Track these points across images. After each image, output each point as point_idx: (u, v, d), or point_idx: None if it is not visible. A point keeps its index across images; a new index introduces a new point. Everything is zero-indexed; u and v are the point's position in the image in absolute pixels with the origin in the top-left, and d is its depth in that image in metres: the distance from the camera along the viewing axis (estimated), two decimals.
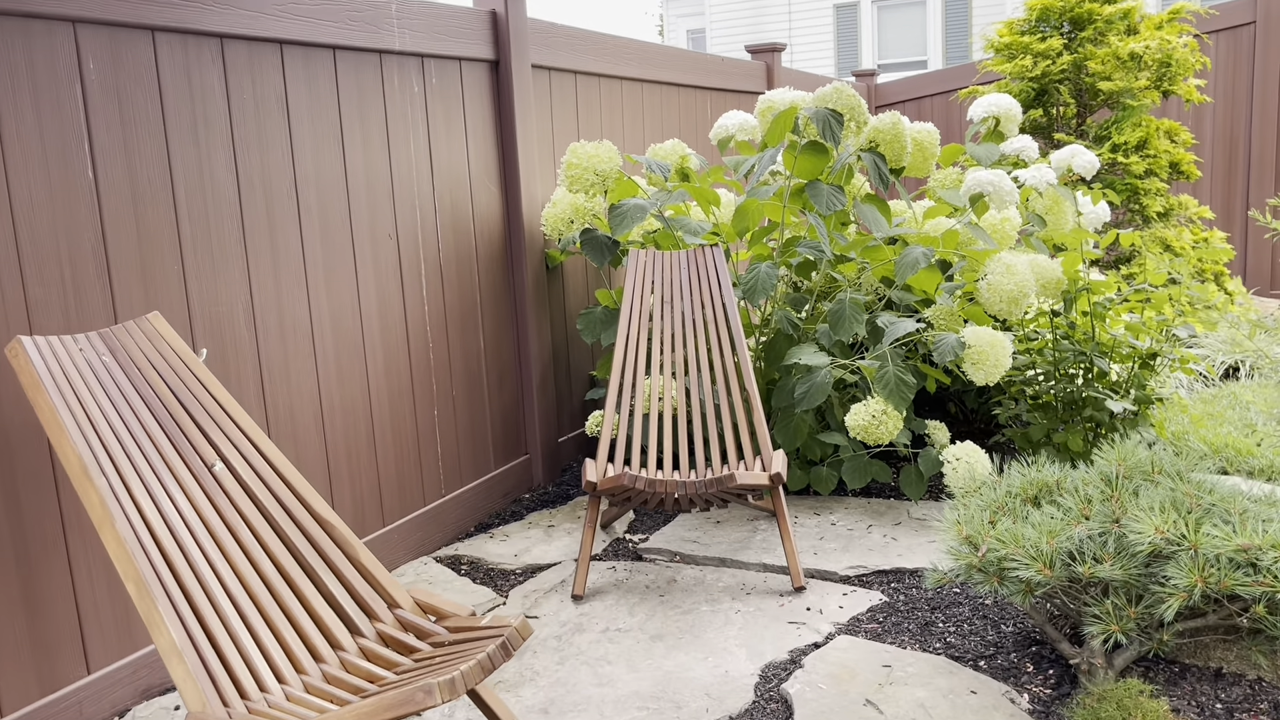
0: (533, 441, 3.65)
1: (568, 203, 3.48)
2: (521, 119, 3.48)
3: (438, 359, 3.19)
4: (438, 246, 3.18)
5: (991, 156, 4.19)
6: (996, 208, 3.43)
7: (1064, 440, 3.27)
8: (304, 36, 2.64)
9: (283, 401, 2.63)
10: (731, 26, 15.94)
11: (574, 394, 3.93)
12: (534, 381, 3.60)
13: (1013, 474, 2.22)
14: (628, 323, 3.13)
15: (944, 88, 6.95)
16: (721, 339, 3.10)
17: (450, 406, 3.25)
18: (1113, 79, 5.07)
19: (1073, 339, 3.35)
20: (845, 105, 3.33)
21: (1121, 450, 2.11)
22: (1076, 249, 3.38)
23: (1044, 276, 3.25)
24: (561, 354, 3.84)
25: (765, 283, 3.27)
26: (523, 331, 3.57)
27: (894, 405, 2.99)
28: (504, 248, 3.51)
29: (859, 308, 3.23)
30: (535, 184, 3.59)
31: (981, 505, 2.12)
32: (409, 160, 3.05)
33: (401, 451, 3.05)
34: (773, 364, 3.47)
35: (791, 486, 3.37)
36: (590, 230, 3.49)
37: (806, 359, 3.16)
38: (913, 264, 3.13)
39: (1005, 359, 2.93)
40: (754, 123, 3.84)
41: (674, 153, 3.66)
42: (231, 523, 1.87)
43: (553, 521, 3.35)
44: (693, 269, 3.24)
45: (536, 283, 3.60)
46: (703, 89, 4.95)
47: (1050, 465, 2.22)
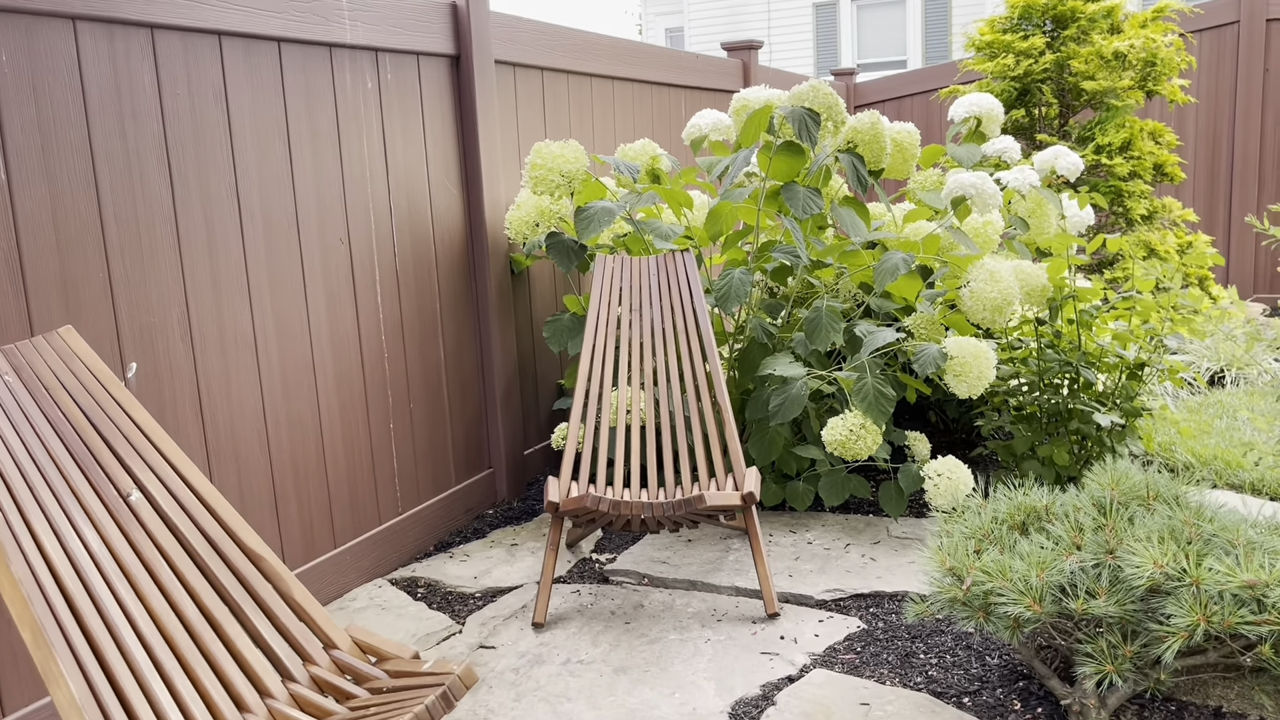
0: (496, 455, 3.49)
1: (532, 205, 3.32)
2: (484, 117, 3.33)
3: (394, 370, 3.02)
4: (394, 251, 3.01)
5: (973, 158, 4.07)
6: (979, 211, 3.30)
7: (1049, 454, 3.14)
8: (245, 28, 2.47)
9: (223, 419, 2.46)
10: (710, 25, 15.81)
11: (541, 404, 3.78)
12: (498, 392, 3.44)
13: (999, 498, 2.08)
14: (594, 332, 2.98)
15: (924, 87, 6.83)
16: (693, 349, 2.95)
17: (408, 420, 3.09)
18: (1096, 79, 4.96)
19: (1058, 348, 3.22)
20: (822, 104, 3.19)
21: (1115, 473, 1.98)
22: (1062, 254, 3.25)
23: (1029, 283, 3.12)
24: (528, 362, 3.68)
25: (738, 290, 3.13)
26: (485, 340, 3.41)
27: (873, 419, 2.85)
28: (465, 252, 3.34)
29: (836, 316, 3.09)
30: (499, 185, 3.43)
31: (966, 533, 1.98)
32: (362, 160, 2.88)
33: (355, 469, 2.88)
34: (747, 373, 3.32)
35: (767, 502, 3.23)
36: (556, 234, 3.33)
37: (781, 370, 3.02)
38: (892, 270, 2.99)
39: (989, 371, 2.79)
40: (728, 122, 3.69)
41: (644, 153, 3.51)
42: (148, 559, 1.70)
43: (516, 539, 3.19)
44: (663, 276, 3.09)
45: (500, 289, 3.44)
46: (676, 87, 4.80)
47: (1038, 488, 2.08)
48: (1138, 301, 3.14)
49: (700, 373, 2.90)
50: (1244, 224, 6.49)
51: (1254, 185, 6.44)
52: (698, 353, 2.93)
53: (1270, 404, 4.31)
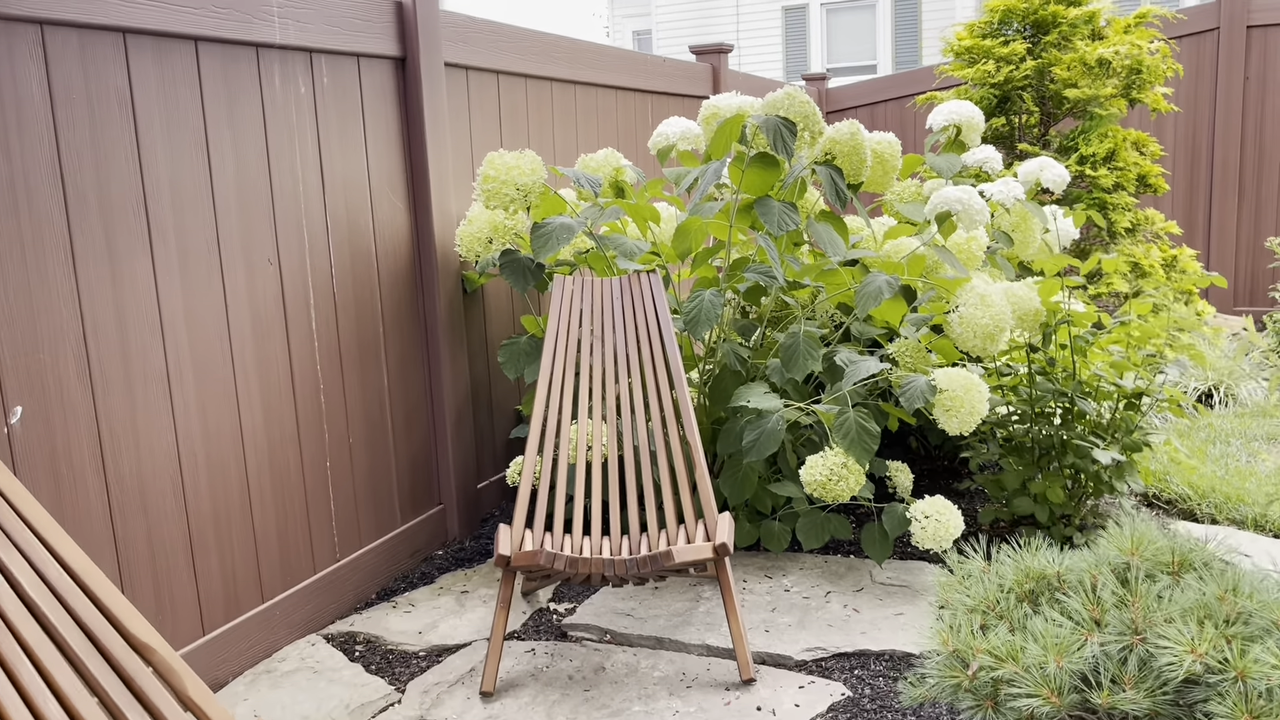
0: (447, 490, 3.22)
1: (485, 220, 3.06)
2: (433, 125, 3.06)
3: (331, 402, 2.75)
4: (331, 272, 2.74)
5: (953, 168, 3.86)
6: (965, 228, 3.08)
7: (1042, 490, 2.92)
8: (155, 24, 2.19)
9: (129, 466, 2.18)
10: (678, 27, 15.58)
11: (496, 432, 3.51)
12: (448, 422, 3.17)
13: (1003, 560, 1.84)
14: (552, 360, 2.72)
15: (898, 93, 6.63)
16: (659, 378, 2.70)
17: (346, 457, 2.81)
18: (1079, 86, 4.77)
19: (1051, 376, 3.00)
20: (798, 113, 2.95)
21: (1135, 536, 1.75)
22: (1054, 275, 3.04)
23: (1021, 307, 2.90)
24: (482, 388, 3.42)
25: (709, 313, 2.88)
26: (434, 365, 3.14)
27: (855, 457, 2.61)
28: (412, 271, 3.07)
29: (814, 343, 2.86)
30: (450, 198, 3.17)
31: (969, 604, 1.74)
32: (294, 173, 2.60)
33: (286, 514, 2.61)
34: (718, 402, 3.08)
35: (740, 542, 2.98)
36: (511, 252, 3.07)
37: (756, 401, 2.77)
38: (875, 295, 2.76)
39: (981, 405, 2.57)
40: (697, 131, 3.45)
41: (606, 164, 3.25)
42: (7, 657, 1.42)
43: (467, 585, 2.93)
44: (627, 298, 2.83)
45: (451, 309, 3.17)
46: (642, 92, 4.55)
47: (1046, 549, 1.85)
48: (1137, 326, 2.93)
49: (668, 404, 2.65)
50: (1224, 235, 6.35)
51: (1234, 195, 6.29)
52: (664, 382, 2.69)
53: (1264, 425, 4.13)
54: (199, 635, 2.36)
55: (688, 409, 2.61)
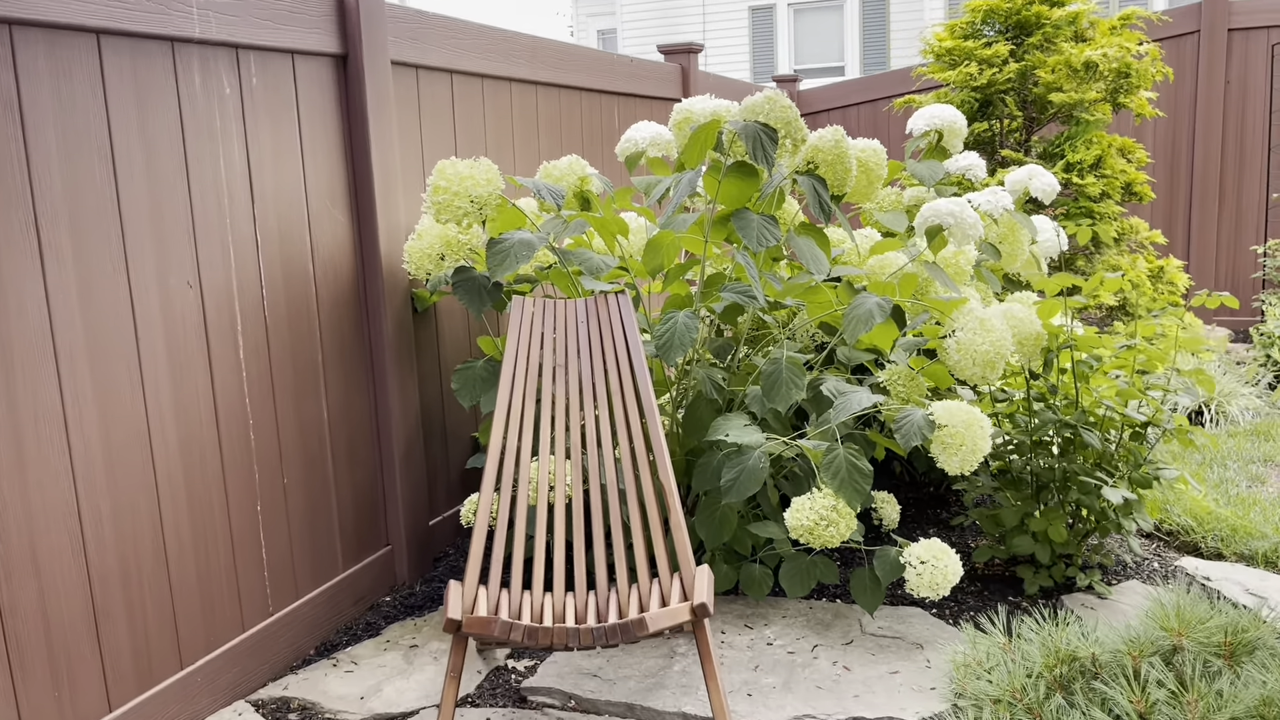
0: (395, 529, 2.94)
1: (436, 235, 2.78)
2: (379, 130, 2.78)
3: (262, 438, 2.46)
4: (261, 293, 2.45)
5: (935, 175, 3.64)
6: (956, 243, 2.85)
7: (1043, 528, 2.69)
8: (47, 15, 1.90)
9: (15, 520, 1.88)
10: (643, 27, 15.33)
11: (451, 464, 3.23)
12: (396, 454, 2.89)
13: (1028, 640, 1.60)
14: (510, 390, 2.46)
15: (873, 95, 6.42)
16: (629, 409, 2.44)
17: (280, 498, 2.53)
18: (1064, 90, 4.57)
19: (1051, 403, 2.78)
20: (779, 119, 2.70)
21: (1181, 613, 1.51)
22: (1054, 294, 2.81)
23: (1021, 331, 2.67)
24: (435, 415, 3.14)
25: (683, 337, 2.62)
26: (381, 393, 2.86)
27: (847, 499, 2.37)
28: (356, 291, 2.79)
29: (798, 370, 2.61)
30: (398, 210, 2.89)
31: (993, 694, 1.50)
32: (218, 184, 2.32)
33: (209, 566, 2.32)
34: (692, 432, 2.82)
35: (718, 586, 2.73)
36: (466, 269, 2.79)
37: (735, 435, 2.52)
38: (865, 318, 2.52)
39: (984, 443, 2.33)
40: (668, 136, 3.20)
41: (570, 173, 2.99)
42: None
43: (416, 638, 2.65)
44: (593, 322, 2.57)
45: (399, 332, 2.89)
46: (609, 94, 4.29)
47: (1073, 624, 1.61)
48: (1144, 350, 2.71)
49: (638, 438, 2.39)
50: (1204, 243, 6.19)
51: (1214, 203, 6.14)
52: (635, 414, 2.43)
53: (1261, 446, 3.95)
54: (104, 712, 2.07)
55: (660, 444, 2.35)
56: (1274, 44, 5.78)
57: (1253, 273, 6.14)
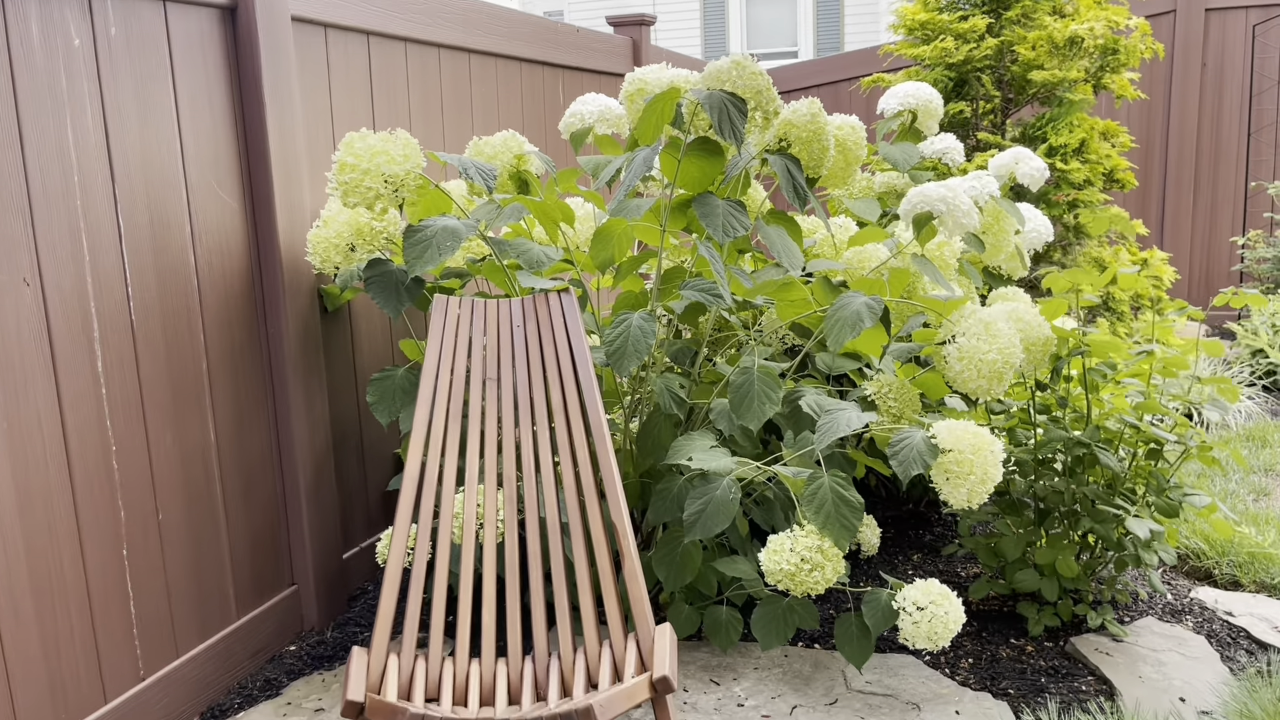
0: (302, 567, 2.52)
1: (345, 222, 2.36)
2: (277, 97, 2.34)
3: (130, 469, 2.03)
4: (127, 291, 2.01)
5: (910, 159, 3.29)
6: (948, 233, 2.50)
7: (1050, 561, 2.35)
8: None
9: None
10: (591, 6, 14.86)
11: (370, 486, 2.81)
12: (302, 479, 2.47)
13: None
14: (429, 409, 2.05)
15: (836, 76, 6.06)
16: (574, 432, 2.05)
17: (154, 540, 2.09)
18: (1046, 68, 4.24)
19: (1060, 418, 2.43)
20: (749, 87, 2.31)
21: None
22: (1061, 294, 2.47)
23: (1028, 335, 2.32)
24: (350, 430, 2.72)
25: (637, 343, 2.23)
26: (282, 409, 2.44)
27: (834, 538, 1.99)
28: (250, 288, 2.36)
29: (772, 381, 2.23)
30: (302, 193, 2.46)
31: None
32: (64, 158, 1.87)
33: (56, 631, 1.88)
34: (649, 452, 2.44)
35: (679, 631, 2.35)
36: (381, 262, 2.37)
37: (700, 459, 2.14)
38: (852, 322, 2.14)
39: (995, 470, 1.97)
40: (619, 110, 2.81)
41: (505, 150, 2.57)
42: None
43: (323, 699, 2.24)
44: (531, 326, 2.17)
45: (305, 335, 2.46)
46: (553, 66, 3.87)
47: None
48: (1162, 358, 2.37)
49: (585, 466, 2.00)
50: (1178, 233, 5.94)
51: (1189, 191, 5.89)
52: (581, 437, 2.03)
53: (1260, 454, 3.66)
54: None
55: (612, 473, 1.96)
56: (1254, 25, 5.52)
57: (1229, 265, 5.89)
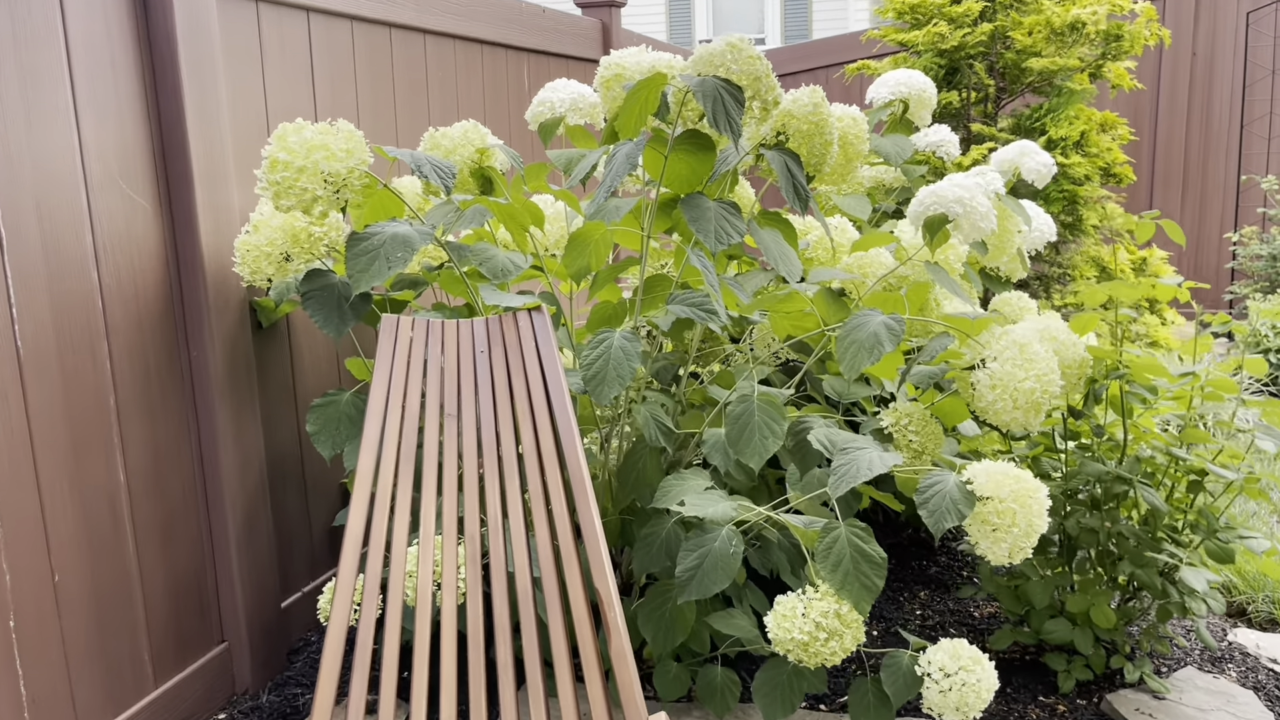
0: (233, 621, 2.20)
1: (279, 227, 2.03)
2: (198, 82, 2.01)
3: (14, 524, 1.70)
4: (10, 312, 1.68)
5: (903, 153, 3.03)
6: (963, 237, 2.23)
7: (1083, 609, 2.09)
8: None
9: None
10: None
11: (315, 522, 2.49)
12: (232, 521, 2.14)
13: None
14: (377, 450, 1.74)
15: (814, 64, 5.78)
16: (548, 474, 1.74)
17: (48, 606, 1.77)
18: (1044, 55, 3.98)
19: (1095, 449, 2.17)
20: (747, 72, 2.01)
21: None
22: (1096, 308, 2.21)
23: (1063, 357, 2.05)
24: (290, 462, 2.39)
25: (620, 367, 1.93)
26: (208, 442, 2.11)
27: (853, 599, 1.71)
28: (168, 304, 2.03)
29: (774, 411, 1.94)
30: (230, 194, 2.13)
31: None
32: None
33: None
34: (632, 488, 2.14)
35: (664, 694, 2.06)
36: (320, 274, 2.04)
37: (694, 503, 1.85)
38: (870, 345, 1.85)
39: (1040, 521, 1.69)
40: (593, 99, 2.51)
41: (466, 143, 2.26)
42: None
43: None
44: (497, 350, 1.86)
45: (234, 357, 2.14)
46: (518, 50, 3.55)
47: None
48: (1211, 381, 2.12)
49: (562, 520, 1.70)
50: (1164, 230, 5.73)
51: (1177, 186, 5.68)
52: (556, 483, 1.73)
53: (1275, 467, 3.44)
54: None
55: (594, 530, 1.66)
56: (1248, 11, 5.31)
57: (1218, 260, 5.70)
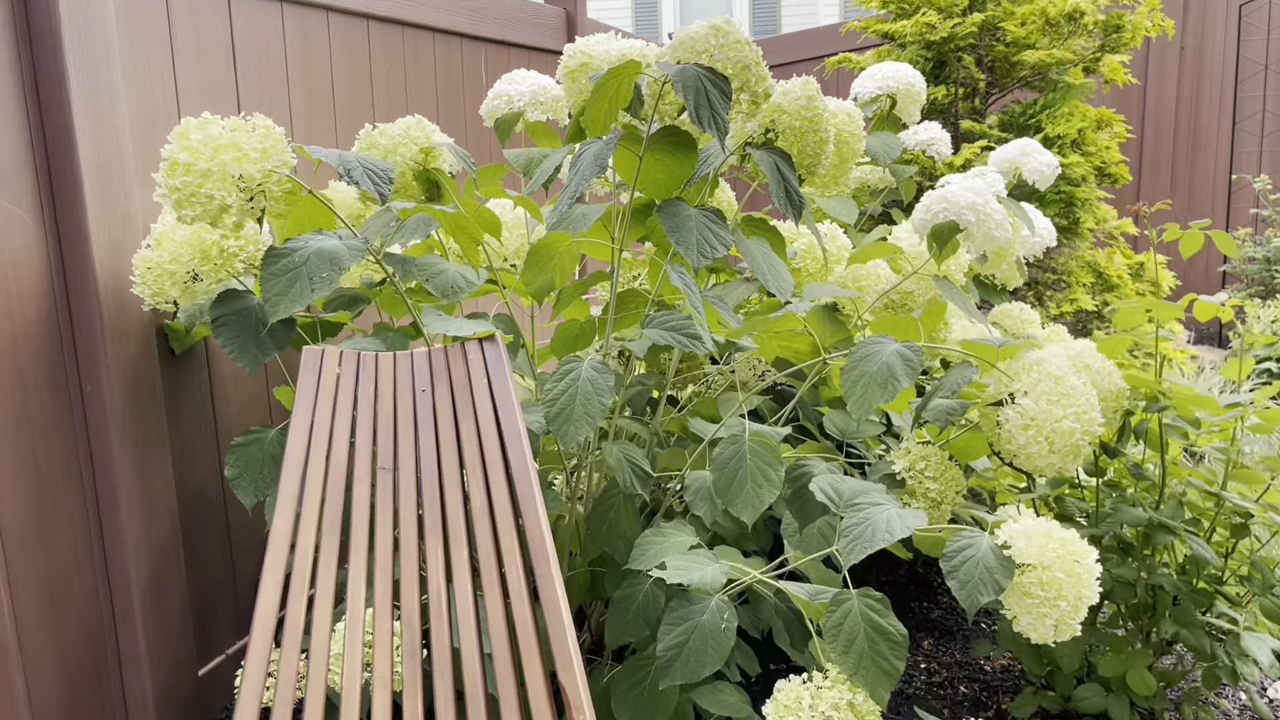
0: (138, 696, 1.88)
1: (185, 241, 1.72)
2: (86, 66, 1.70)
3: None
4: None
5: (893, 152, 2.78)
6: (975, 249, 1.98)
7: (1119, 673, 1.83)
8: None
9: None
10: None
11: (240, 575, 2.18)
12: (136, 582, 1.84)
13: None
14: (296, 502, 1.45)
15: (790, 58, 5.52)
16: (501, 536, 1.46)
17: None
18: (1039, 47, 3.74)
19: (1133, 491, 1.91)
20: (734, 60, 1.73)
21: None
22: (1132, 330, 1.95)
23: (1099, 388, 1.79)
24: (211, 507, 2.08)
25: (588, 403, 1.65)
26: (105, 491, 1.80)
27: (868, 686, 1.43)
28: (52, 331, 1.72)
29: (769, 455, 1.66)
30: (130, 198, 1.82)
31: None
32: None
33: None
34: (604, 540, 1.86)
35: None
36: (235, 296, 1.74)
37: (678, 565, 1.56)
38: (883, 380, 1.58)
39: (1089, 591, 1.42)
40: (555, 91, 2.23)
41: (409, 141, 1.95)
42: None
43: None
44: (443, 390, 1.57)
45: (136, 392, 1.83)
46: (474, 39, 3.25)
47: None
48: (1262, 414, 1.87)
49: (519, 597, 1.41)
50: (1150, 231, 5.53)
51: (1165, 184, 5.48)
52: (512, 551, 1.44)
53: None
54: None
55: (559, 613, 1.37)
56: (1241, 4, 5.11)
57: (1208, 263, 5.50)
